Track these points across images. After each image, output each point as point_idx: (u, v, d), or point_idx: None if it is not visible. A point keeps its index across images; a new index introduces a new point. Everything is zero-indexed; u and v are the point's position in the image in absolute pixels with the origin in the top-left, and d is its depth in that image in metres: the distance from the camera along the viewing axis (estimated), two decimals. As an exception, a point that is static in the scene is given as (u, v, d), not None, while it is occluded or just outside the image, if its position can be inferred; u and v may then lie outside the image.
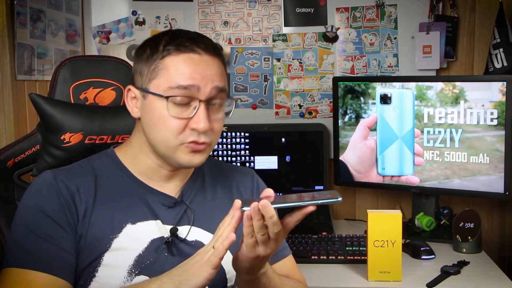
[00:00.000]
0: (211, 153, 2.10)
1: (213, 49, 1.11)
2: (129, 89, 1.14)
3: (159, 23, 2.27)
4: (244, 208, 0.92)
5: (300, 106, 2.29)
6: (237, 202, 0.94)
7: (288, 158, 2.16)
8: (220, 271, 1.15)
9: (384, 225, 1.59)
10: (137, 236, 1.09)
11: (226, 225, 0.95)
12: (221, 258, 0.94)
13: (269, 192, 0.97)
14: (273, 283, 1.10)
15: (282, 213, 0.95)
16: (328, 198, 0.92)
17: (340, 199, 0.92)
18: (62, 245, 1.05)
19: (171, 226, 1.12)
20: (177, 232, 1.12)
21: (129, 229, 1.09)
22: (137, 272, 1.07)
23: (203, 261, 0.95)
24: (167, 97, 1.06)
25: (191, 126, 1.07)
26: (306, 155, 2.17)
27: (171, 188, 1.17)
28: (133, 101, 1.14)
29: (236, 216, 0.94)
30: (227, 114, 1.15)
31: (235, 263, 1.01)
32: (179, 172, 1.17)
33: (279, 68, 2.29)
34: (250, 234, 0.94)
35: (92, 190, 1.11)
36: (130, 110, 1.15)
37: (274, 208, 0.91)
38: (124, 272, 1.06)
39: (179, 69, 1.07)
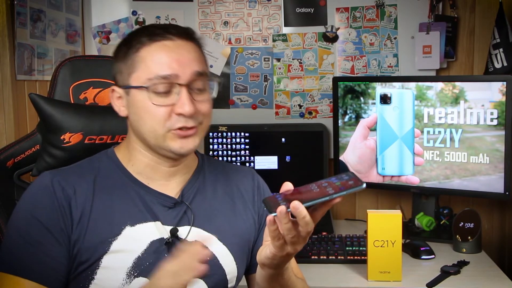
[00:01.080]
0: (211, 153, 2.12)
1: (186, 34, 1.11)
2: (113, 90, 1.14)
3: (159, 23, 2.27)
4: (272, 214, 0.89)
5: (300, 106, 2.29)
6: (269, 219, 0.91)
7: (288, 158, 2.16)
8: (220, 272, 1.15)
9: (384, 225, 1.59)
10: (136, 238, 1.09)
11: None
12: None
13: (288, 186, 0.95)
14: (292, 278, 1.11)
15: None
16: (352, 186, 0.90)
17: (364, 185, 0.89)
18: (49, 252, 1.04)
19: (171, 227, 1.11)
20: (177, 233, 1.11)
21: (128, 231, 1.08)
22: (136, 274, 1.06)
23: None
24: (147, 87, 1.07)
25: (176, 111, 1.07)
26: (306, 155, 2.17)
27: (171, 188, 1.16)
28: (119, 101, 1.14)
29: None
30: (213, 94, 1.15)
31: (261, 259, 1.00)
32: (180, 168, 1.16)
33: (279, 68, 2.29)
34: (276, 237, 0.92)
35: (90, 192, 1.10)
36: (117, 111, 1.15)
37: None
38: (123, 274, 1.06)
39: (156, 59, 1.07)
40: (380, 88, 2.00)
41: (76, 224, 1.07)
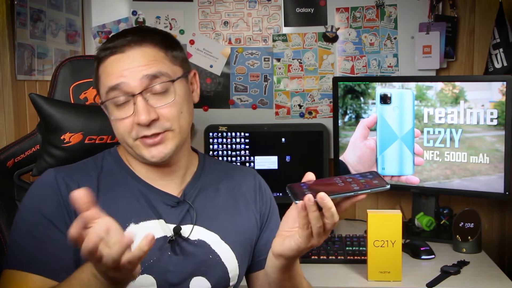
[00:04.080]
0: (211, 153, 2.12)
1: (138, 40, 1.08)
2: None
3: (159, 23, 2.27)
4: (297, 202, 0.91)
5: (300, 106, 2.29)
6: (301, 205, 0.91)
7: (288, 158, 2.16)
8: (222, 270, 1.15)
9: (384, 225, 1.59)
10: (140, 235, 1.09)
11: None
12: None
13: (310, 176, 0.97)
14: (300, 270, 1.13)
15: None
16: (377, 185, 0.91)
17: (388, 186, 0.91)
18: (58, 247, 1.05)
19: (174, 225, 1.12)
20: (180, 231, 1.12)
21: (132, 228, 1.09)
22: (140, 271, 1.06)
23: None
24: (102, 103, 1.09)
25: (135, 121, 1.07)
26: (306, 155, 2.17)
27: (173, 188, 1.16)
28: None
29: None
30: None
31: (283, 250, 1.00)
32: (175, 168, 1.16)
33: (279, 68, 2.29)
34: (306, 225, 0.93)
35: (94, 189, 1.11)
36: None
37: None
38: None
39: (107, 73, 1.08)
40: (380, 88, 2.00)
41: None
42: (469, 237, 1.84)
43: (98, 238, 0.81)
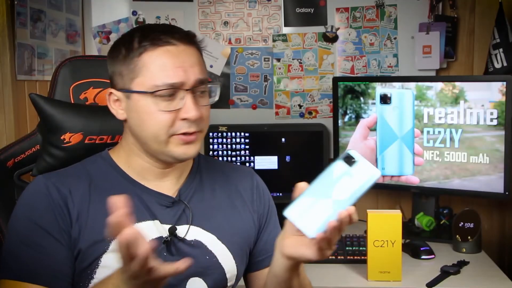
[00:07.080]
0: (211, 153, 2.12)
1: (188, 38, 1.11)
2: (111, 93, 1.13)
3: (159, 23, 2.27)
4: (315, 234, 0.88)
5: (300, 106, 2.30)
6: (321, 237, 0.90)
7: (288, 158, 2.16)
8: (219, 271, 1.15)
9: (384, 225, 1.59)
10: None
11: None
12: None
13: (302, 185, 0.97)
14: (304, 272, 1.11)
15: None
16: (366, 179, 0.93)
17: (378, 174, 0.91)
18: (54, 255, 1.04)
19: (169, 226, 1.12)
20: (176, 232, 1.11)
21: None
22: None
23: None
24: (152, 93, 1.05)
25: (181, 116, 1.06)
26: (306, 155, 2.17)
27: (168, 188, 1.16)
28: (116, 104, 1.13)
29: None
30: (215, 97, 1.16)
31: (294, 254, 0.96)
32: (173, 169, 1.16)
33: (279, 68, 2.29)
34: (326, 245, 0.91)
35: (86, 193, 1.10)
36: (115, 113, 1.13)
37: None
38: None
39: (160, 65, 1.06)
40: (379, 88, 2.00)
41: (74, 222, 1.07)
42: (469, 237, 1.84)
43: (135, 234, 0.81)
